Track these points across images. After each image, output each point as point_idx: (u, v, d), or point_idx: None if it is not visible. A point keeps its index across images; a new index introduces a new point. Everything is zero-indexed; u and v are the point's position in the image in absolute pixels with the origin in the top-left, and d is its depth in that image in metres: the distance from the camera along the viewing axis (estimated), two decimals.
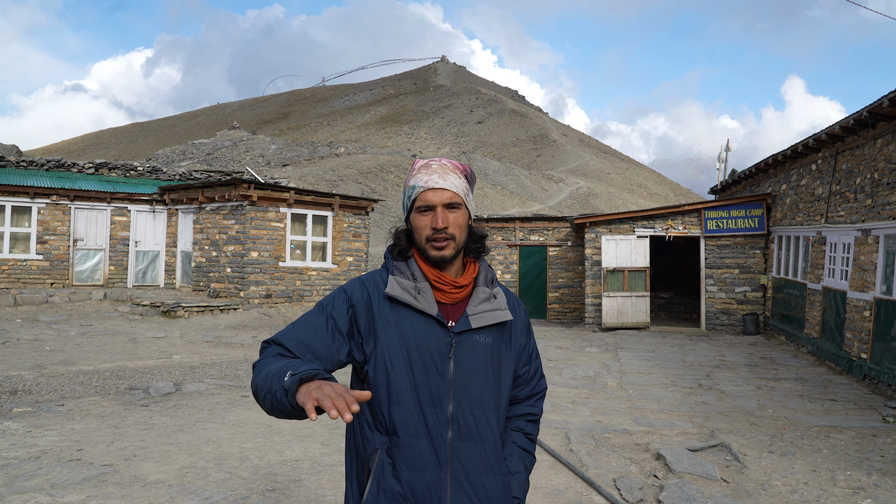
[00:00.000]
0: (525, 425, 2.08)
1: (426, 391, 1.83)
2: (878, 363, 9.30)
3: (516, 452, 2.03)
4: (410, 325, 1.86)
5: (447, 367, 1.85)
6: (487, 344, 1.92)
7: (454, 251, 1.91)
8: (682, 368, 10.85)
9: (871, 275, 9.85)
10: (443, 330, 1.87)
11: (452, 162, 1.98)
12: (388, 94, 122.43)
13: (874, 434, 6.84)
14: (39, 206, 17.00)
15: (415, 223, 1.93)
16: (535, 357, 2.14)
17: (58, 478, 4.89)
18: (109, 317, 14.54)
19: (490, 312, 1.93)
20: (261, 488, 4.88)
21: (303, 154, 55.35)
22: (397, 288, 1.88)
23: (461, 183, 1.94)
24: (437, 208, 1.89)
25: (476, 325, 1.90)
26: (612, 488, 5.14)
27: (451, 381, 1.85)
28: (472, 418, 1.86)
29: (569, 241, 19.18)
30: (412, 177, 1.95)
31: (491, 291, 1.97)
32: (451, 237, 1.89)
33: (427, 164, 1.96)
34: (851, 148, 11.07)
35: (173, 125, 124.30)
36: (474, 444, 1.86)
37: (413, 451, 1.81)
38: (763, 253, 15.91)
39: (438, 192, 1.89)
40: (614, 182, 70.38)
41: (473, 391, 1.87)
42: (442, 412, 1.83)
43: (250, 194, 15.89)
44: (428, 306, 1.87)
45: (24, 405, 7.26)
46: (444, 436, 1.83)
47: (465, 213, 1.94)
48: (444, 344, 1.86)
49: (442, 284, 1.91)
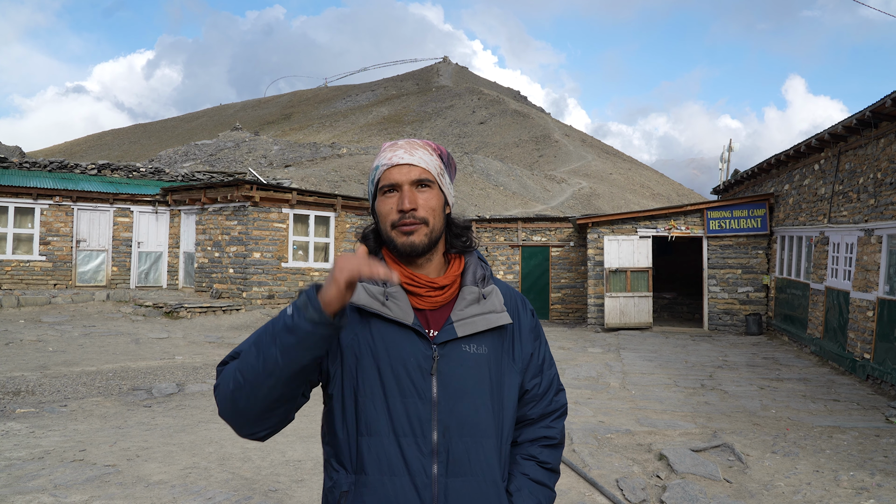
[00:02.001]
0: (539, 452, 1.71)
1: (403, 417, 1.51)
2: (881, 363, 9.28)
3: (527, 487, 1.66)
4: (381, 339, 1.54)
5: (429, 386, 1.53)
6: (481, 355, 1.59)
7: (426, 238, 1.58)
8: (685, 369, 10.84)
9: (874, 275, 9.83)
10: (422, 341, 1.55)
11: (424, 140, 1.68)
12: (390, 95, 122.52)
13: (877, 434, 6.82)
14: (42, 207, 17.03)
15: (379, 210, 1.61)
16: (549, 367, 1.77)
17: (61, 478, 4.90)
18: (112, 318, 14.56)
19: (481, 317, 1.60)
20: (263, 489, 4.88)
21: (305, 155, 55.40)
22: (363, 295, 1.54)
23: (433, 160, 1.63)
24: (403, 187, 1.58)
25: (462, 332, 1.57)
26: (615, 489, 5.13)
27: (435, 404, 1.53)
28: (463, 447, 1.53)
29: (571, 242, 19.16)
30: (377, 158, 1.66)
31: (481, 291, 1.62)
32: (422, 220, 1.57)
33: (393, 143, 1.66)
34: (854, 148, 11.05)
35: (176, 126, 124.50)
36: (467, 479, 1.52)
37: (387, 493, 1.48)
38: (766, 253, 15.88)
39: (405, 168, 1.59)
40: (616, 182, 70.33)
41: (463, 414, 1.54)
42: (425, 442, 1.51)
43: (253, 195, 15.91)
44: (401, 314, 1.54)
45: (28, 406, 7.28)
46: (427, 471, 1.50)
47: (438, 194, 1.62)
48: (423, 358, 1.53)
49: (416, 287, 1.59)
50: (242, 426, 1.50)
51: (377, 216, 1.63)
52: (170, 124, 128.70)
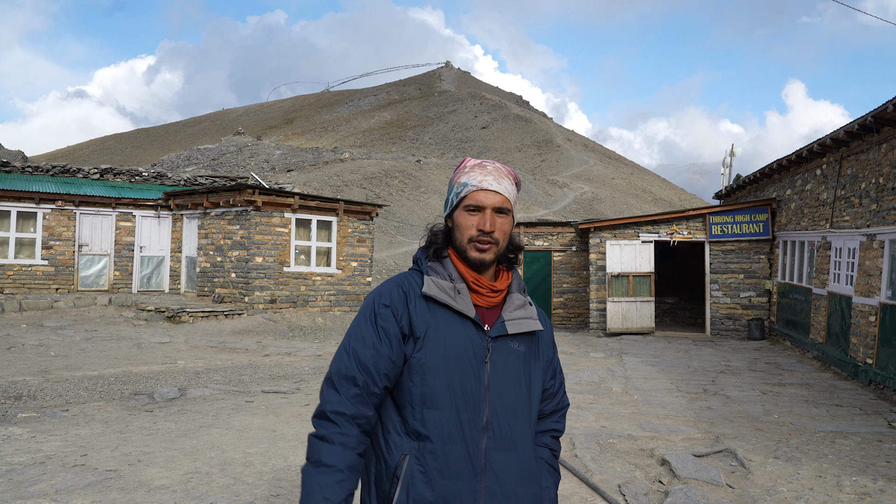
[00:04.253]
0: (550, 441, 2.04)
1: (462, 395, 1.77)
2: (883, 368, 9.26)
3: (545, 468, 1.98)
4: (448, 327, 1.80)
5: (483, 371, 1.80)
6: (520, 352, 1.89)
7: (494, 256, 1.86)
8: (687, 374, 10.82)
9: (876, 280, 9.81)
10: (479, 333, 1.82)
11: (506, 168, 1.94)
12: (392, 100, 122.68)
13: (880, 440, 6.80)
14: (45, 211, 17.07)
15: (459, 221, 1.87)
16: (560, 372, 2.10)
17: (62, 483, 4.90)
18: (114, 322, 14.57)
19: (525, 320, 1.89)
20: (265, 493, 4.88)
21: (307, 159, 55.48)
22: (434, 288, 1.82)
23: (513, 189, 1.91)
24: (486, 210, 1.84)
25: (512, 330, 1.86)
26: (617, 494, 5.12)
27: (487, 387, 1.80)
28: (508, 426, 1.81)
29: (573, 247, 19.16)
30: (463, 174, 1.89)
31: (525, 299, 1.94)
32: (495, 242, 1.85)
33: (481, 164, 1.90)
34: (856, 153, 11.04)
35: (178, 131, 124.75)
36: (509, 454, 1.80)
37: (448, 459, 1.74)
38: (768, 258, 15.87)
39: (491, 194, 1.85)
40: (619, 187, 70.33)
41: (509, 398, 1.83)
42: (478, 418, 1.77)
43: (255, 199, 15.93)
44: (466, 307, 1.81)
45: (29, 410, 7.28)
46: (479, 443, 1.76)
47: (511, 220, 1.90)
48: (480, 347, 1.81)
49: (480, 287, 1.86)
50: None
51: (456, 225, 1.89)
52: (172, 129, 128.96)
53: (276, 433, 6.57)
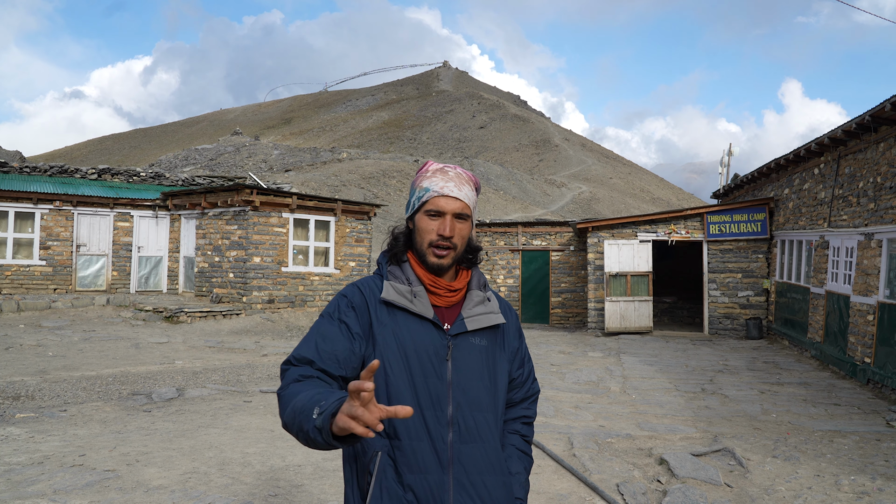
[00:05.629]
0: (521, 428, 2.12)
1: (426, 394, 1.85)
2: (881, 367, 9.28)
3: (515, 454, 2.06)
4: (407, 329, 1.88)
5: (445, 369, 1.88)
6: (483, 346, 1.96)
7: (452, 261, 1.94)
8: (686, 373, 10.83)
9: (874, 279, 9.83)
10: (439, 333, 1.90)
11: (467, 173, 2.01)
12: (390, 100, 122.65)
13: (878, 439, 6.81)
14: (42, 211, 17.04)
15: (420, 225, 1.95)
16: (528, 361, 2.17)
17: (60, 483, 4.89)
18: (112, 322, 14.55)
19: (485, 315, 1.97)
20: (263, 493, 4.88)
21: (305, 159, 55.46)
22: (393, 292, 1.90)
23: (473, 195, 1.99)
24: (447, 216, 1.92)
25: (472, 327, 1.93)
26: (616, 493, 5.12)
27: (450, 384, 1.88)
28: (472, 420, 1.89)
29: (571, 246, 19.16)
30: (426, 178, 1.97)
31: (485, 295, 2.01)
32: (453, 246, 1.92)
33: (443, 170, 1.98)
34: (854, 152, 11.06)
35: (176, 131, 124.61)
36: (475, 446, 1.88)
37: (415, 454, 1.83)
38: (766, 257, 15.88)
39: (451, 200, 1.93)
40: (617, 186, 70.38)
41: (472, 393, 1.90)
42: (442, 414, 1.86)
43: (253, 199, 15.91)
44: (423, 309, 1.90)
45: (27, 410, 7.27)
46: (444, 438, 1.85)
47: (470, 225, 1.98)
48: (441, 346, 1.89)
49: (437, 288, 1.94)
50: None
51: (417, 229, 1.97)
52: (170, 129, 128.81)
53: (274, 433, 6.56)
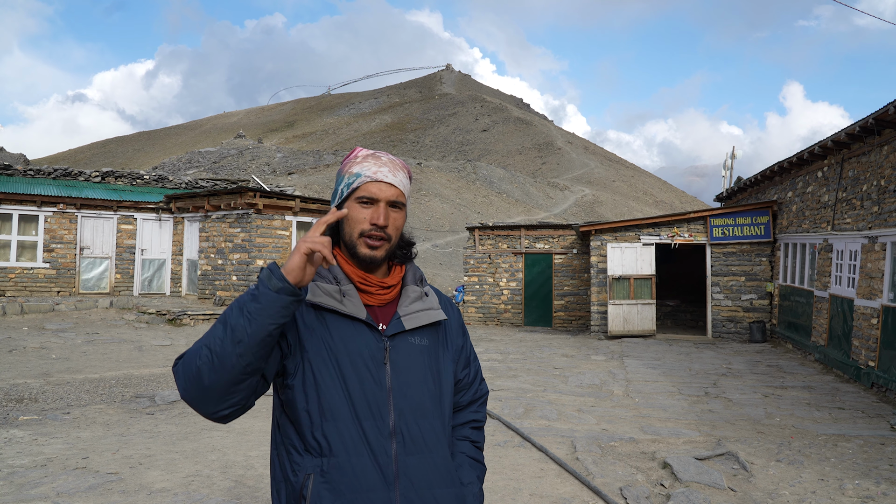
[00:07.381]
0: (471, 433, 1.95)
1: (363, 402, 1.66)
2: (886, 371, 9.25)
3: (466, 462, 1.89)
4: (338, 333, 1.69)
5: (383, 373, 1.69)
6: (424, 346, 1.78)
7: (386, 253, 1.76)
8: (689, 376, 10.80)
9: (878, 282, 9.80)
10: (374, 334, 1.71)
11: (399, 160, 1.85)
12: (393, 103, 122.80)
13: (882, 443, 6.79)
14: (46, 214, 17.09)
15: (350, 214, 1.75)
16: (474, 360, 2.00)
17: (63, 486, 4.90)
18: (115, 325, 14.58)
19: (423, 312, 1.79)
20: (266, 497, 4.87)
21: (308, 162, 55.55)
22: (319, 293, 1.69)
23: (407, 184, 1.82)
24: (380, 203, 1.74)
25: (410, 325, 1.76)
26: (619, 497, 5.11)
27: (390, 389, 1.69)
28: (417, 428, 1.70)
29: (574, 249, 19.15)
30: (355, 164, 1.78)
31: (422, 290, 1.83)
32: (387, 238, 1.74)
33: (375, 155, 1.79)
34: (857, 155, 11.04)
35: (179, 134, 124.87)
36: (422, 457, 1.70)
37: (355, 472, 1.63)
38: (769, 260, 15.85)
39: (386, 186, 1.75)
40: (619, 189, 70.36)
41: (415, 398, 1.72)
42: (383, 424, 1.66)
43: (256, 202, 15.94)
44: (355, 310, 1.70)
45: (31, 413, 7.28)
46: (388, 450, 1.65)
47: (404, 215, 1.81)
48: (377, 349, 1.70)
49: (368, 285, 1.76)
50: (207, 403, 1.58)
51: (346, 219, 1.76)
52: (173, 132, 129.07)
53: None
